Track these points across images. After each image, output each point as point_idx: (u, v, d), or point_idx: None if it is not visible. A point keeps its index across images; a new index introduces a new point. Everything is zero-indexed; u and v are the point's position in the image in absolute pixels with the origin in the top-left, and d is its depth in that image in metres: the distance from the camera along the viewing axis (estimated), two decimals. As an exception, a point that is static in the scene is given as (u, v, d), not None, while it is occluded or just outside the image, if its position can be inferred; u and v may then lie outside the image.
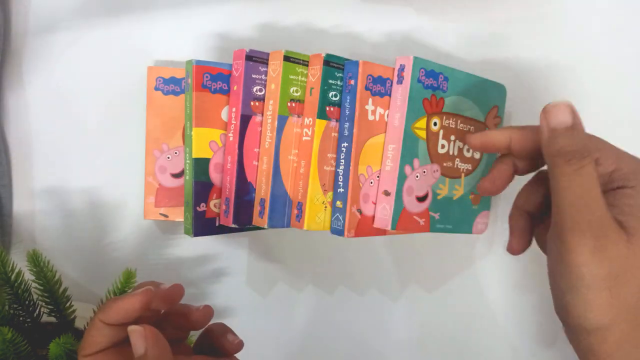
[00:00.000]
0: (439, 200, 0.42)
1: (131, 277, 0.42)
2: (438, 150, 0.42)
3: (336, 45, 0.51)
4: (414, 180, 0.40)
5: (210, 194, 0.45)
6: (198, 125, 0.44)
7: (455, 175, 0.43)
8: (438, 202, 0.42)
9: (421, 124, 0.40)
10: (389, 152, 0.40)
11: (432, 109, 0.41)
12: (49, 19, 0.51)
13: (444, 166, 0.42)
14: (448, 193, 0.43)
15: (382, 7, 0.50)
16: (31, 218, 0.52)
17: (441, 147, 0.42)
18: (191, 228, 0.45)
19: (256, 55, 0.44)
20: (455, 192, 0.43)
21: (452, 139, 0.42)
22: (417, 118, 0.40)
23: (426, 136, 0.41)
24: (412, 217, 0.40)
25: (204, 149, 0.45)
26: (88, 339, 0.31)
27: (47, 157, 0.51)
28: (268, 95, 0.43)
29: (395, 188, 0.39)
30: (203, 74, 0.44)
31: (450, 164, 0.43)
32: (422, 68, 0.40)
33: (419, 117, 0.40)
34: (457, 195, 0.43)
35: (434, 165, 0.41)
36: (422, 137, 0.40)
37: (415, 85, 0.40)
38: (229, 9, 0.50)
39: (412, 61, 0.39)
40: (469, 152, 0.44)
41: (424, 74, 0.40)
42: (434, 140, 0.41)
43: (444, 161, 0.42)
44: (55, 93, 0.51)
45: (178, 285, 0.34)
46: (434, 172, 0.41)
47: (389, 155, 0.40)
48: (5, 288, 0.42)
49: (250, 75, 0.43)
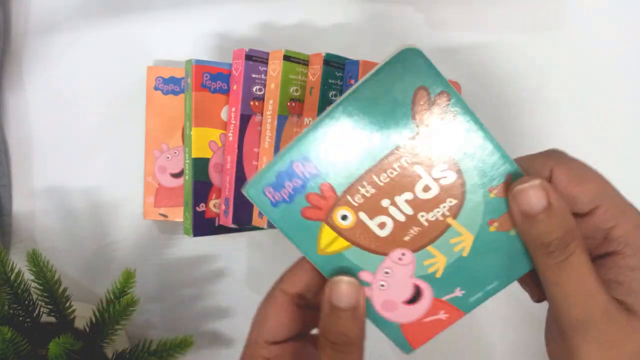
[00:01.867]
0: (443, 276, 0.29)
1: (131, 277, 0.42)
2: (380, 235, 0.27)
3: (336, 44, 0.51)
4: (383, 293, 0.29)
5: (210, 194, 0.45)
6: (197, 125, 0.44)
7: (437, 232, 0.28)
8: (445, 279, 0.29)
9: (326, 240, 0.28)
10: None
11: (324, 212, 0.27)
12: (49, 19, 0.51)
13: (410, 240, 0.28)
14: (449, 258, 0.28)
15: (382, 6, 0.50)
16: (31, 218, 0.52)
17: (379, 227, 0.27)
18: (191, 228, 0.45)
19: (256, 55, 0.43)
20: (458, 246, 0.28)
21: (386, 205, 0.27)
22: (316, 240, 0.28)
23: (349, 239, 0.28)
24: (422, 322, 0.30)
25: (204, 149, 0.45)
26: (269, 321, 0.28)
27: (47, 157, 0.51)
28: (268, 94, 0.43)
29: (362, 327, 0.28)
30: (203, 74, 0.44)
31: (418, 229, 0.28)
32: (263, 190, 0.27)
33: (314, 239, 0.28)
34: (466, 248, 0.28)
35: (394, 254, 0.28)
36: (343, 246, 0.28)
37: (274, 213, 0.27)
38: (229, 9, 0.50)
39: None
40: (428, 192, 0.27)
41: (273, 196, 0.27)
42: (362, 232, 0.27)
43: (402, 236, 0.28)
44: (55, 93, 0.51)
45: None
46: (400, 260, 0.28)
47: None
48: (5, 288, 0.42)
49: (250, 75, 0.43)
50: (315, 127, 0.27)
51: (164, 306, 0.53)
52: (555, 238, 0.24)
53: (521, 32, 0.51)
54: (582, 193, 0.25)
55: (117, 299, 0.41)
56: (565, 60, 0.51)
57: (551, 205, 0.24)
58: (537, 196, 0.24)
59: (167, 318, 0.54)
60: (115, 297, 0.42)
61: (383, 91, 0.26)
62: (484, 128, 0.26)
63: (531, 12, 0.51)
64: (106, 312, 0.41)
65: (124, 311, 0.41)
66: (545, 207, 0.24)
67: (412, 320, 0.30)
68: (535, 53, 0.51)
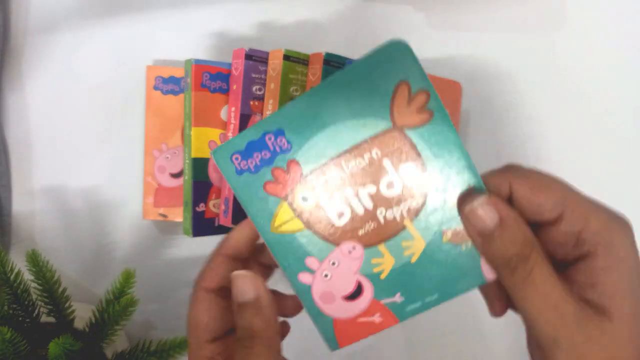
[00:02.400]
0: (387, 278, 0.28)
1: (130, 277, 0.42)
2: (336, 224, 0.28)
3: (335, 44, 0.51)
4: (324, 283, 0.28)
5: (210, 194, 0.45)
6: (197, 124, 0.44)
7: (392, 232, 0.27)
8: (388, 282, 0.28)
9: (282, 218, 0.28)
10: None
11: (286, 189, 0.27)
12: (49, 19, 0.51)
13: (364, 234, 0.28)
14: (397, 261, 0.28)
15: (382, 6, 0.50)
16: (31, 218, 0.52)
17: (337, 216, 0.27)
18: (190, 228, 0.45)
19: (256, 55, 0.43)
20: (408, 251, 0.28)
21: (348, 195, 0.27)
22: (272, 217, 0.28)
23: (305, 222, 0.28)
24: (356, 321, 0.29)
25: (203, 149, 0.45)
26: (201, 320, 0.29)
27: (46, 157, 0.51)
28: (267, 94, 0.43)
29: (305, 306, 0.29)
30: (202, 73, 0.44)
31: (374, 224, 0.27)
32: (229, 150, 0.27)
33: (272, 214, 0.28)
34: (416, 253, 0.28)
35: (344, 246, 0.28)
36: (297, 228, 0.28)
37: (237, 181, 0.27)
38: (228, 8, 0.50)
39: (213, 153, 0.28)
40: (391, 188, 0.27)
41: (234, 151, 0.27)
42: (319, 218, 0.27)
43: (357, 229, 0.27)
44: (55, 93, 0.51)
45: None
46: (349, 253, 0.28)
47: None
48: (5, 288, 0.42)
49: (249, 75, 0.43)
50: (294, 102, 0.26)
51: (164, 306, 0.53)
52: (514, 253, 0.24)
53: (520, 32, 0.51)
54: (545, 200, 0.25)
55: (116, 299, 0.41)
56: (565, 59, 0.51)
57: (503, 219, 0.25)
58: (488, 213, 0.25)
59: (167, 318, 0.54)
60: (115, 297, 0.42)
61: (366, 78, 0.26)
62: (455, 133, 0.26)
63: (532, 12, 0.51)
64: (106, 312, 0.41)
65: (123, 311, 0.41)
66: (498, 222, 0.25)
67: (346, 317, 0.29)
68: (536, 52, 0.51)
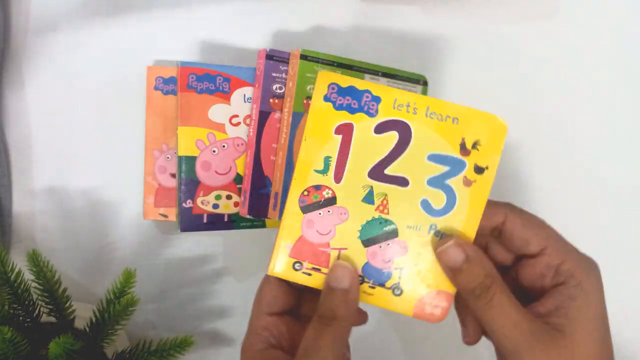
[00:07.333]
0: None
1: (131, 277, 0.42)
2: None
3: (336, 44, 0.51)
4: None
5: (197, 191, 0.46)
6: (183, 124, 0.45)
7: None
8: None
9: None
10: None
11: None
12: (49, 19, 0.51)
13: None
14: None
15: (382, 6, 0.51)
16: (31, 218, 0.52)
17: None
18: (177, 223, 0.46)
19: (277, 55, 0.45)
20: None
21: None
22: None
23: None
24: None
25: (190, 147, 0.46)
26: (265, 296, 0.33)
27: (46, 157, 0.51)
28: (287, 92, 0.45)
29: None
30: (188, 75, 0.45)
31: None
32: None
33: None
34: None
35: None
36: None
37: None
38: (229, 8, 0.50)
39: None
40: None
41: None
42: None
43: None
44: (55, 93, 0.51)
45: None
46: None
47: None
48: (5, 288, 0.42)
49: (270, 74, 0.45)
50: None
51: (164, 306, 0.53)
52: (478, 284, 0.29)
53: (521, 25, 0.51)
54: (533, 237, 0.31)
55: (117, 299, 0.41)
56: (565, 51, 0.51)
57: (469, 257, 0.30)
58: (456, 253, 0.30)
59: (167, 318, 0.54)
60: (115, 297, 0.42)
61: None
62: None
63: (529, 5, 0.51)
64: (106, 312, 0.41)
65: (124, 311, 0.41)
66: (464, 259, 0.30)
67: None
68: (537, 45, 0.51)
